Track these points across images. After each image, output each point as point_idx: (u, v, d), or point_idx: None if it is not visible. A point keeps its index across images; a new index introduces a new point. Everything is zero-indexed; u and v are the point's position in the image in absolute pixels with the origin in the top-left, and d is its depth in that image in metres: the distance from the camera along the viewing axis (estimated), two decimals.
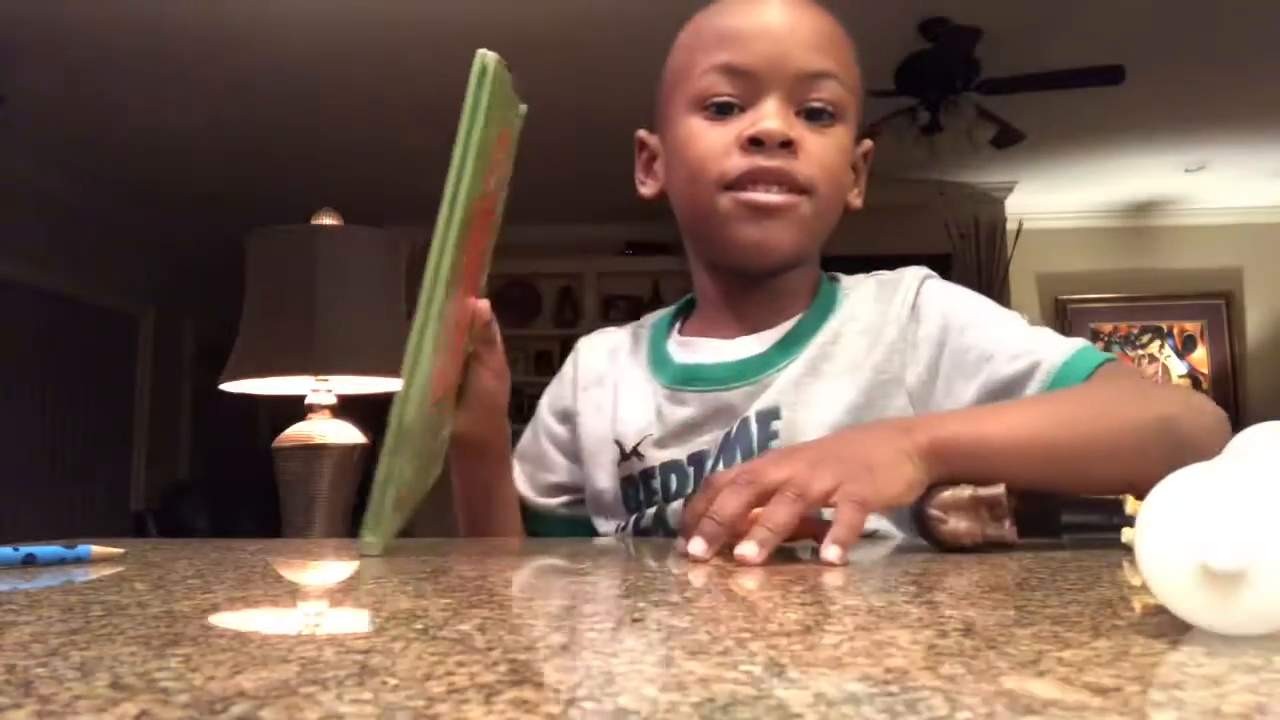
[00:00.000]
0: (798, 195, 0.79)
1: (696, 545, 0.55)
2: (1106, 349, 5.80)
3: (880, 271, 0.90)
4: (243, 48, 3.60)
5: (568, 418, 0.96)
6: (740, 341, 0.86)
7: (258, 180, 4.93)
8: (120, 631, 0.33)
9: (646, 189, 0.90)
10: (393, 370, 1.66)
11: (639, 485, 0.86)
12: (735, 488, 0.57)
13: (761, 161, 0.78)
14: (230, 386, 1.65)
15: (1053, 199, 5.47)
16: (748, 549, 0.53)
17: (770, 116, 0.77)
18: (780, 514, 0.55)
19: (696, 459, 0.83)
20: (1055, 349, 0.77)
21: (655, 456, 0.85)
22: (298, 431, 1.60)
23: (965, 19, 3.37)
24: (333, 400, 1.64)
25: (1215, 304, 5.64)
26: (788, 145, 0.78)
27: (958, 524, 0.63)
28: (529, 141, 0.83)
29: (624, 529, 0.87)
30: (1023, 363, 0.77)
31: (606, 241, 5.70)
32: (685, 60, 0.83)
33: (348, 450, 1.59)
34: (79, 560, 0.60)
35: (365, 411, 1.82)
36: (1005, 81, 3.58)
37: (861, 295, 0.87)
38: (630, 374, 0.91)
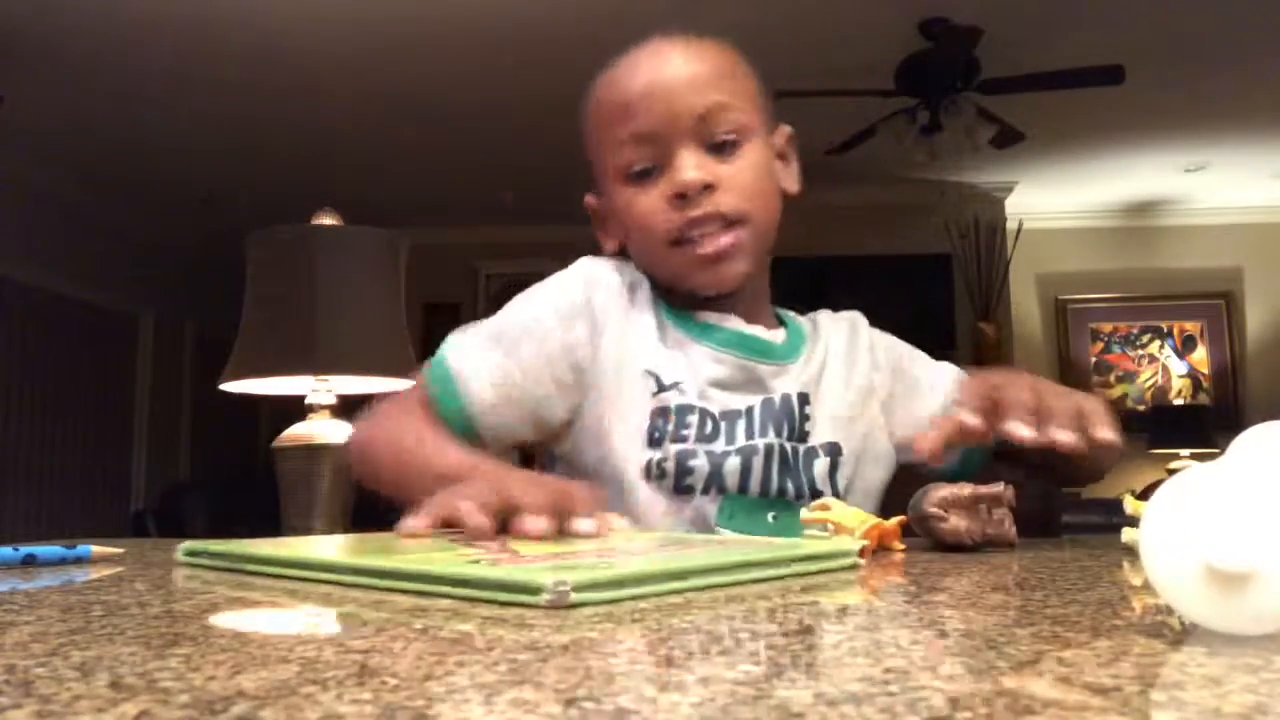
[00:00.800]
0: (736, 229, 0.86)
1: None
2: (1106, 349, 5.82)
3: (822, 313, 1.02)
4: (243, 47, 3.60)
5: (571, 339, 0.86)
6: (755, 328, 0.92)
7: (258, 180, 4.93)
8: (120, 631, 0.33)
9: (609, 246, 0.95)
10: (393, 370, 1.67)
11: (672, 420, 0.83)
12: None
13: (691, 213, 0.84)
14: (230, 386, 1.65)
15: (1053, 199, 5.47)
16: None
17: (683, 169, 0.84)
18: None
19: (728, 416, 0.86)
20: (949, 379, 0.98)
21: (694, 397, 0.85)
22: (298, 431, 1.60)
23: (965, 19, 3.37)
24: (333, 400, 1.64)
25: (1215, 304, 5.63)
26: (709, 188, 0.84)
27: (958, 522, 0.63)
28: (529, 141, 0.83)
29: (659, 466, 0.82)
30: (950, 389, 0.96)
31: None
32: (597, 136, 0.90)
33: (348, 450, 1.59)
34: (79, 560, 0.60)
35: (365, 412, 1.82)
36: (1005, 81, 3.58)
37: (829, 325, 0.99)
38: (647, 312, 0.89)
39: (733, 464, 0.83)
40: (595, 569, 0.41)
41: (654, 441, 0.83)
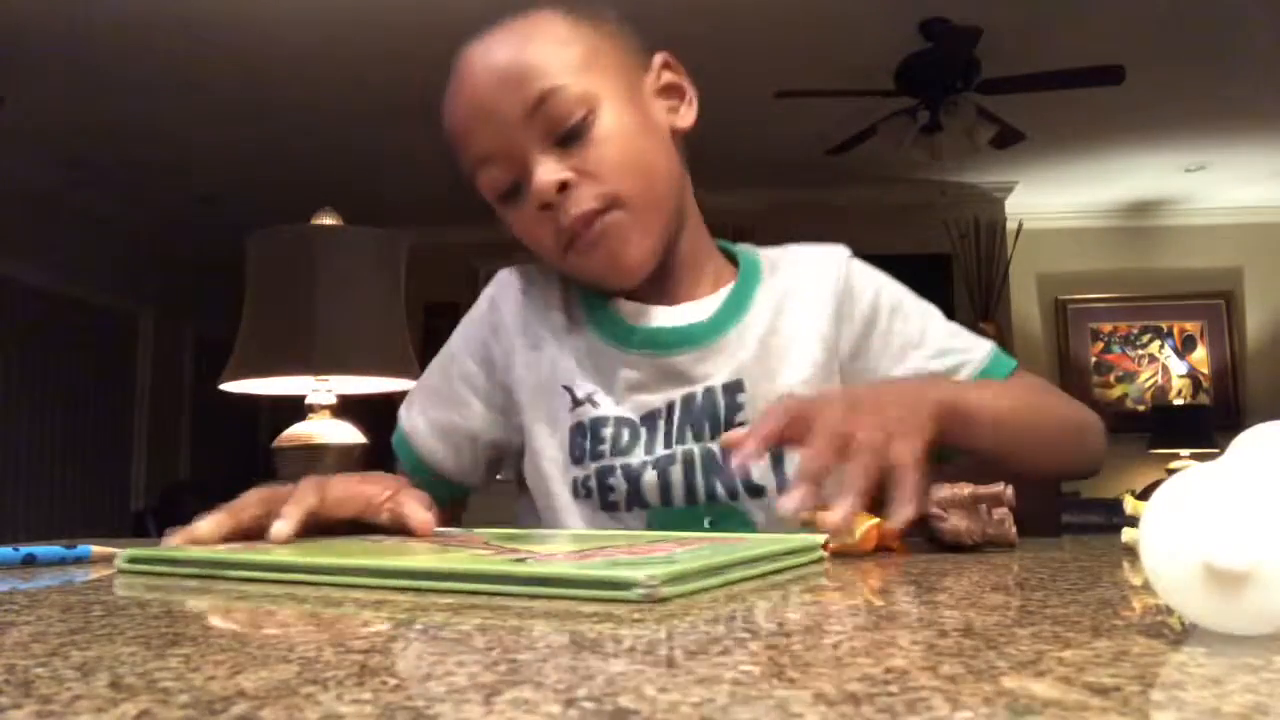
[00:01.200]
0: (612, 212, 0.79)
1: (790, 502, 0.58)
2: (1106, 349, 5.83)
3: (795, 246, 0.93)
4: (243, 48, 3.60)
5: (489, 363, 0.89)
6: (683, 308, 0.86)
7: (258, 180, 4.93)
8: (120, 631, 0.33)
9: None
10: (392, 370, 1.67)
11: (589, 433, 0.83)
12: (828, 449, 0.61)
13: (563, 220, 0.78)
14: (230, 386, 1.65)
15: (1053, 199, 5.47)
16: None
17: (535, 176, 0.77)
18: (862, 480, 0.60)
19: (649, 418, 0.83)
20: (977, 349, 0.88)
21: (608, 408, 0.83)
22: (298, 431, 1.60)
23: (965, 19, 3.37)
24: (333, 400, 1.64)
25: (1215, 304, 5.63)
26: (566, 186, 0.77)
27: (958, 522, 0.63)
28: None
29: (584, 484, 0.82)
30: (950, 360, 0.87)
31: None
32: (460, 166, 0.84)
33: (348, 450, 1.60)
34: (79, 560, 0.60)
35: (365, 411, 1.82)
36: (1005, 81, 3.58)
37: (793, 268, 0.89)
38: (560, 323, 0.88)
39: (650, 478, 0.80)
40: (672, 563, 0.42)
41: (576, 459, 0.83)
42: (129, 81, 3.85)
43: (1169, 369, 5.66)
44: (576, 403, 0.84)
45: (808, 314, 0.86)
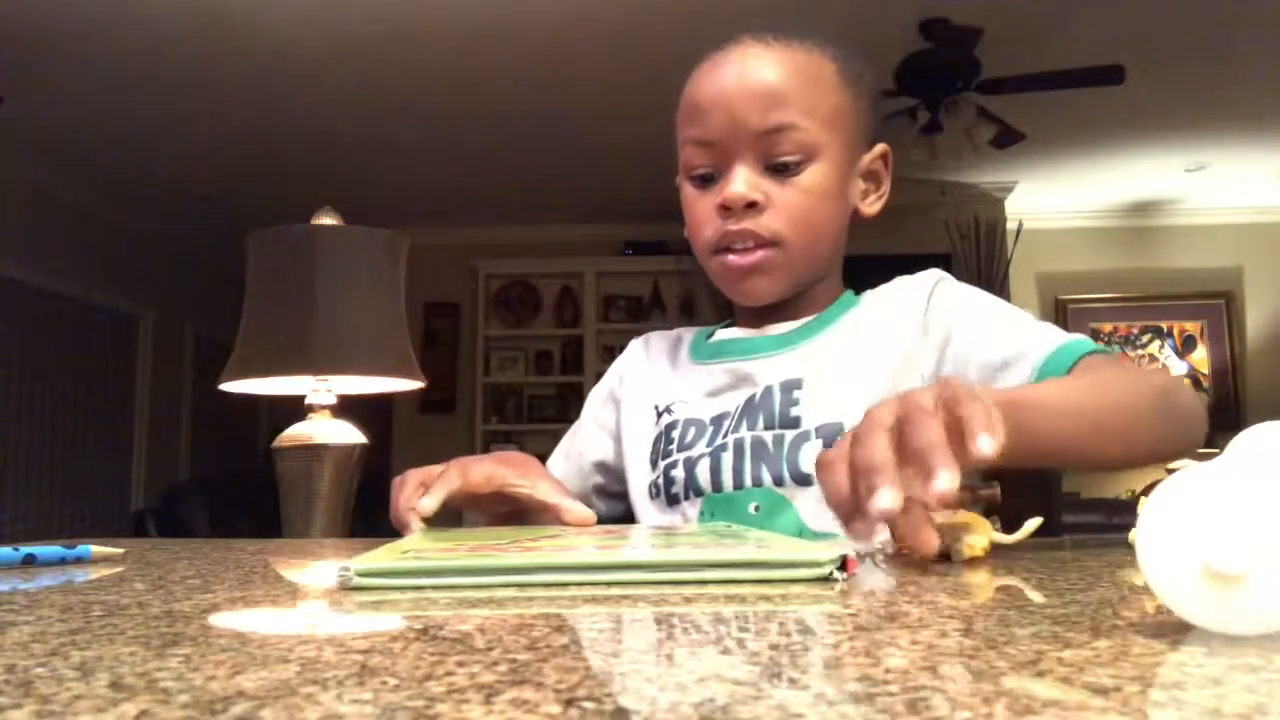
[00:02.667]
0: (767, 249, 0.86)
1: (886, 498, 0.49)
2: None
3: (899, 278, 0.96)
4: (243, 47, 3.60)
5: (613, 400, 1.04)
6: (767, 328, 0.94)
7: (258, 180, 4.93)
8: (120, 631, 0.33)
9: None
10: (392, 370, 1.67)
11: (663, 438, 0.93)
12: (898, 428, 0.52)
13: (731, 226, 0.86)
14: (230, 386, 1.65)
15: (1053, 199, 5.47)
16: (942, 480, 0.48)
17: (734, 182, 0.85)
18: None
19: (717, 419, 0.90)
20: (1043, 343, 0.81)
21: (683, 412, 0.93)
22: (298, 431, 1.60)
23: (965, 19, 3.37)
24: (333, 400, 1.64)
25: (1215, 304, 5.64)
26: (753, 205, 0.85)
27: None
28: (530, 141, 0.83)
29: (655, 484, 0.91)
30: (1010, 361, 0.82)
31: (606, 241, 5.71)
32: (678, 129, 0.91)
33: (348, 450, 1.60)
34: (79, 560, 0.60)
35: (365, 411, 1.82)
36: (1005, 81, 3.58)
37: (880, 296, 0.95)
38: (671, 361, 1.01)
39: (704, 465, 0.87)
40: (834, 546, 0.46)
41: (653, 463, 0.93)
42: (129, 81, 3.85)
43: (1169, 369, 5.66)
44: (659, 414, 0.95)
45: (886, 333, 0.89)
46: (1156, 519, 0.31)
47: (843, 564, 0.44)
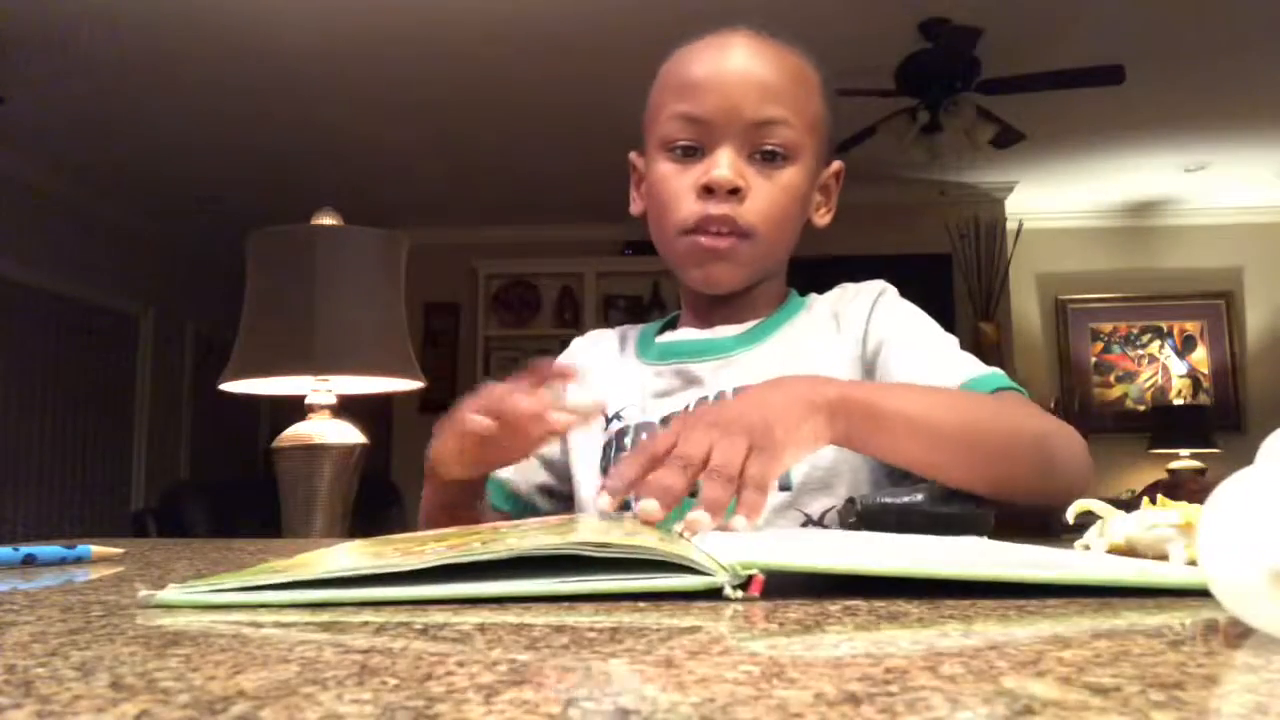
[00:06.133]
0: (740, 239, 0.87)
1: (649, 506, 0.57)
2: (1106, 349, 5.83)
3: (847, 283, 0.98)
4: (243, 47, 3.60)
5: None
6: (715, 329, 0.95)
7: (258, 180, 4.93)
8: (120, 631, 0.33)
9: (635, 208, 0.98)
10: (392, 370, 1.67)
11: (614, 445, 0.91)
12: (672, 470, 0.60)
13: (711, 209, 0.85)
14: (230, 386, 1.65)
15: (1053, 199, 5.47)
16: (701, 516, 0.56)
17: (721, 165, 0.85)
18: (717, 494, 0.59)
19: (667, 420, 0.89)
20: (960, 372, 0.82)
21: (634, 417, 0.92)
22: (298, 431, 1.60)
23: (965, 19, 3.37)
24: (333, 400, 1.64)
25: (1215, 304, 5.63)
26: (736, 192, 0.85)
27: None
28: (530, 141, 0.83)
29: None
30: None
31: (606, 241, 5.70)
32: (656, 101, 0.91)
33: (347, 450, 1.60)
34: (79, 560, 0.60)
35: (365, 411, 1.82)
36: (1005, 81, 3.58)
37: (827, 301, 0.96)
38: (616, 362, 0.99)
39: None
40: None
41: (604, 470, 0.91)
42: (129, 82, 3.85)
43: (1169, 369, 5.66)
44: (608, 422, 0.93)
45: (830, 341, 0.91)
46: (1218, 522, 0.30)
47: (747, 583, 0.40)
